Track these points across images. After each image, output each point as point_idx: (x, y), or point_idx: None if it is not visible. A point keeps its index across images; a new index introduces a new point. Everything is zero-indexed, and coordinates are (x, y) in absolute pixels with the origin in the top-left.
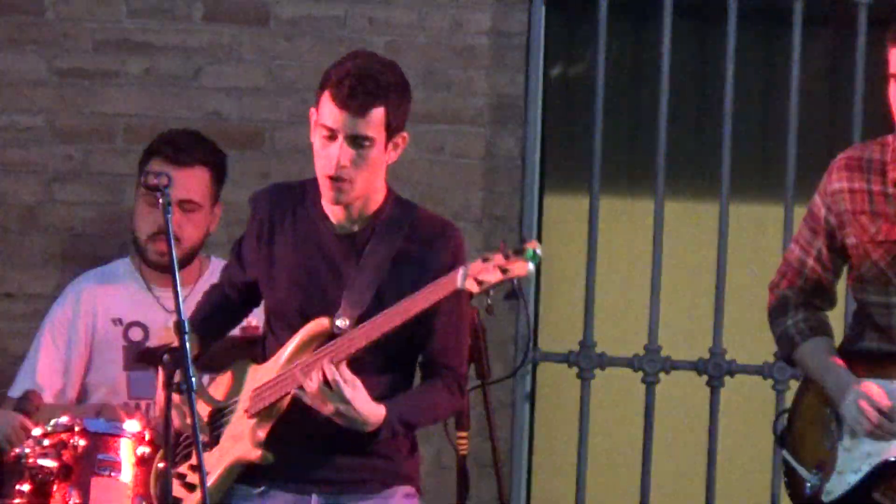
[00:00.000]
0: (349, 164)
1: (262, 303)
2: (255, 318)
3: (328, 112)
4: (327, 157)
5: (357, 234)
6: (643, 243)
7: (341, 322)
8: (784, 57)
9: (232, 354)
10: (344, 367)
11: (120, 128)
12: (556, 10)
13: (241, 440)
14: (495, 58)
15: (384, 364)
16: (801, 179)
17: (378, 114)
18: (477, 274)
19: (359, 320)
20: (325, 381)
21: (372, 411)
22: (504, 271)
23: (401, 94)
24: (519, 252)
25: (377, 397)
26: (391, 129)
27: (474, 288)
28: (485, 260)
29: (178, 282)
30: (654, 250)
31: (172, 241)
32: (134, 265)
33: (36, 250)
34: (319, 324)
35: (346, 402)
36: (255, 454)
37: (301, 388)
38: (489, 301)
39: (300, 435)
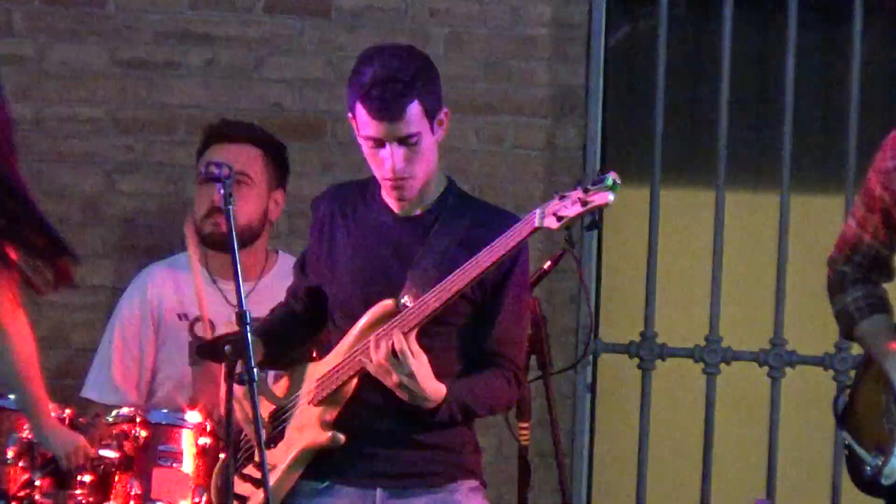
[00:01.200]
0: (404, 164)
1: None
2: None
3: (367, 123)
4: (381, 162)
5: (421, 218)
6: (704, 234)
7: (405, 300)
8: (844, 47)
9: None
10: (413, 339)
11: (181, 119)
12: (616, 1)
13: (309, 427)
14: (556, 49)
15: (447, 351)
16: (862, 170)
17: (414, 109)
18: (556, 210)
19: (419, 298)
20: (393, 353)
21: (434, 388)
22: (584, 203)
23: (428, 79)
24: (598, 182)
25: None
26: (431, 114)
27: (553, 224)
28: (562, 197)
29: (239, 273)
30: (715, 241)
31: (234, 231)
32: (198, 258)
33: (97, 241)
34: (384, 305)
35: (411, 373)
36: (324, 437)
37: (369, 361)
38: (569, 234)
39: (365, 429)
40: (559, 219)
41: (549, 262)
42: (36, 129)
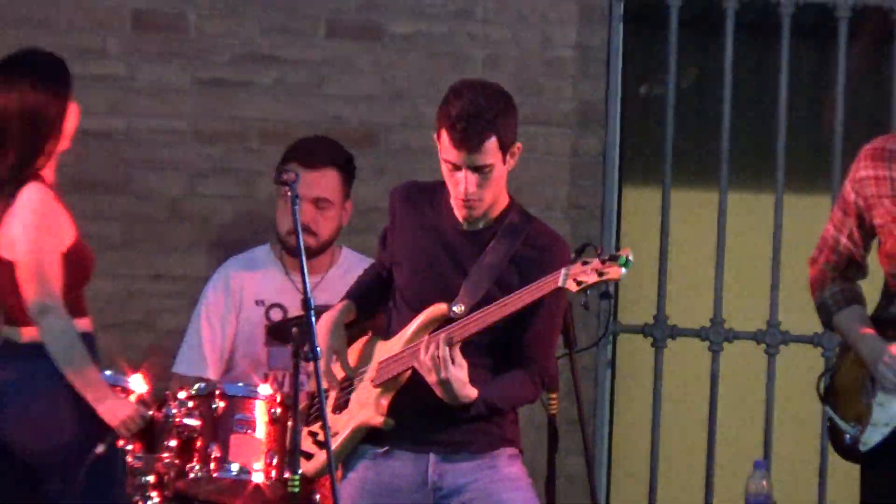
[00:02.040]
0: (476, 189)
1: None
2: None
3: (448, 149)
4: (456, 183)
5: (481, 233)
6: (709, 230)
7: (458, 308)
8: (832, 68)
9: None
10: (457, 350)
11: (253, 130)
12: (633, 26)
13: (367, 407)
14: (580, 68)
15: (489, 347)
16: (847, 174)
17: (491, 143)
18: (577, 275)
19: (473, 308)
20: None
21: (465, 393)
22: (601, 274)
23: (508, 117)
24: (614, 259)
25: (477, 378)
26: (505, 148)
27: (573, 287)
28: (584, 263)
29: (305, 264)
30: (719, 236)
31: (300, 228)
32: (274, 253)
33: (180, 237)
34: (438, 308)
35: (447, 379)
36: (377, 420)
37: (416, 360)
38: (586, 299)
39: (421, 403)
40: (578, 283)
41: (573, 255)
42: (126, 140)
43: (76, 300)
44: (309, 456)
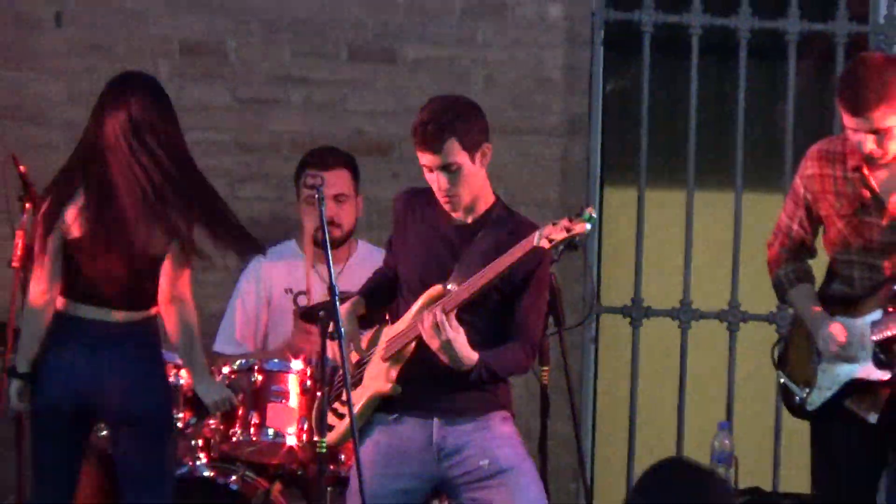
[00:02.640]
0: (448, 186)
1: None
2: None
3: (419, 154)
4: (433, 182)
5: (471, 226)
6: (678, 224)
7: (451, 286)
8: (782, 81)
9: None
10: (452, 317)
11: (285, 142)
12: (612, 50)
13: (378, 378)
14: (567, 86)
15: (484, 326)
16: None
17: (451, 145)
18: (549, 234)
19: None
20: (436, 325)
21: (467, 354)
22: (568, 230)
23: (467, 121)
24: (579, 216)
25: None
26: (469, 149)
27: (546, 244)
28: (554, 224)
29: (330, 256)
30: (686, 229)
31: (326, 224)
32: (299, 247)
33: None
34: (435, 289)
35: (448, 341)
36: (387, 388)
37: (420, 329)
38: (558, 255)
39: (425, 377)
40: (550, 240)
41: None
42: None
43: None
44: (331, 428)
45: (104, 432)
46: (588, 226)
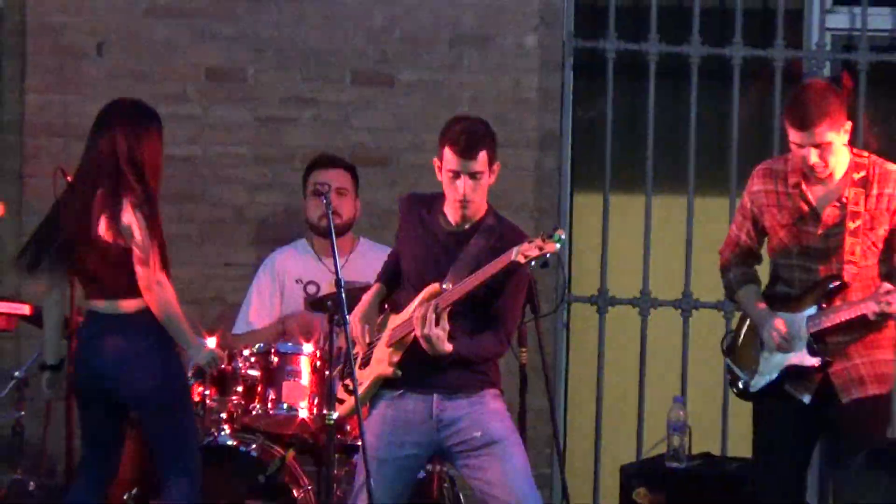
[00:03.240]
0: (471, 192)
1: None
2: None
3: (451, 160)
4: (455, 189)
5: (465, 232)
6: (638, 225)
7: (446, 286)
8: (728, 100)
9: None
10: (444, 316)
11: (297, 155)
12: (580, 73)
13: (382, 362)
14: (541, 105)
15: (471, 316)
16: (741, 182)
17: (483, 155)
18: (524, 251)
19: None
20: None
21: (442, 347)
22: (541, 249)
23: (493, 139)
24: (550, 236)
25: (459, 337)
26: (491, 163)
27: (521, 259)
28: (529, 242)
29: (336, 252)
30: (645, 229)
31: (332, 222)
32: (308, 243)
33: (243, 235)
34: (433, 286)
35: (427, 334)
36: (388, 371)
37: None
38: (532, 267)
39: (427, 357)
40: (525, 257)
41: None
42: (203, 162)
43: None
44: (341, 401)
45: None
46: (557, 246)
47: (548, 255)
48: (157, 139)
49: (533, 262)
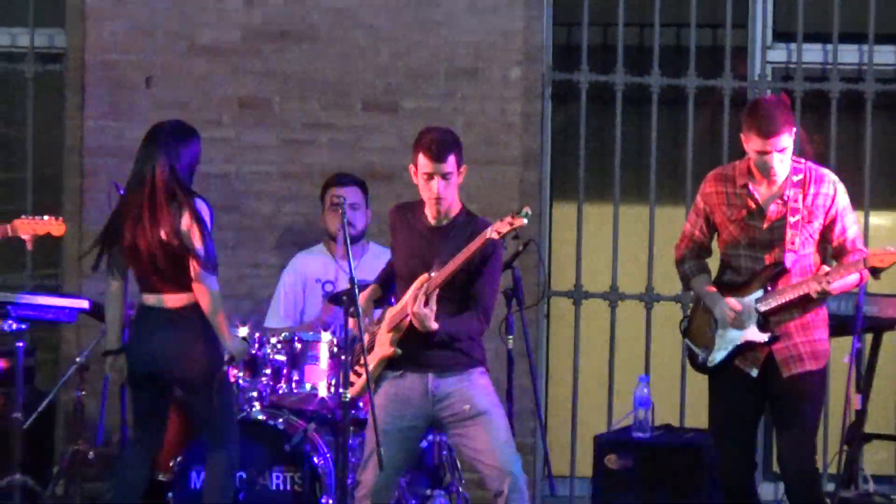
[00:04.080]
0: (443, 190)
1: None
2: None
3: (425, 164)
4: (430, 189)
5: (444, 227)
6: (608, 229)
7: (433, 274)
8: (684, 123)
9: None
10: (433, 297)
11: (316, 172)
12: (557, 101)
13: (383, 345)
14: (524, 128)
15: (453, 300)
16: (695, 192)
17: (451, 158)
18: (497, 228)
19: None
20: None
21: (429, 325)
22: (511, 224)
23: (459, 145)
24: (518, 213)
25: (444, 317)
26: (458, 165)
27: (495, 235)
28: (501, 220)
29: (350, 256)
30: (614, 233)
31: (346, 231)
32: (326, 248)
33: (270, 241)
34: (423, 277)
35: (416, 312)
36: (390, 351)
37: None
38: (505, 243)
39: (422, 342)
40: (498, 233)
41: (521, 247)
42: (236, 179)
43: None
44: (352, 384)
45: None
46: (525, 220)
47: (517, 228)
48: (197, 152)
49: (506, 237)
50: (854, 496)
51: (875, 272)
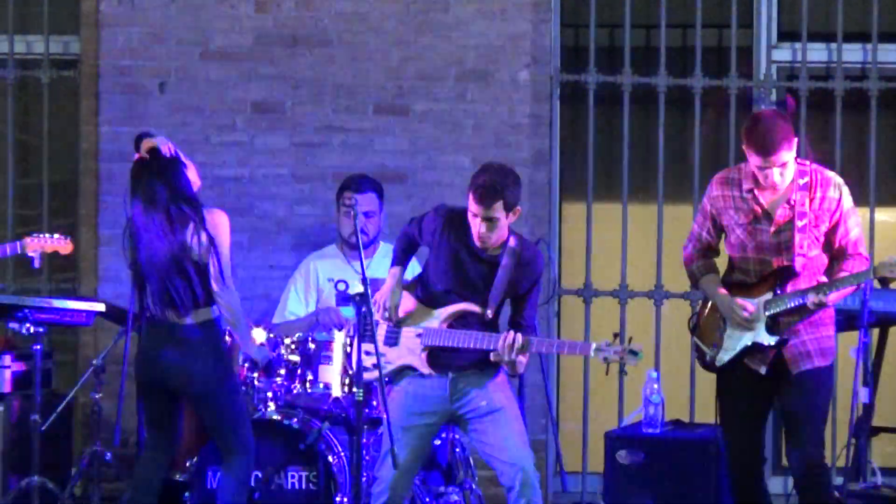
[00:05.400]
0: (486, 232)
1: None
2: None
3: (472, 205)
4: (475, 227)
5: (494, 256)
6: (616, 228)
7: (489, 312)
8: (690, 122)
9: None
10: (526, 353)
11: (329, 174)
12: (566, 102)
13: (414, 357)
14: (533, 129)
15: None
16: (702, 190)
17: (498, 205)
18: (604, 353)
19: (496, 313)
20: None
21: (519, 371)
22: (620, 357)
23: (512, 189)
24: (633, 353)
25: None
26: (508, 208)
27: (600, 358)
28: (608, 345)
29: (362, 257)
30: (623, 231)
31: (359, 235)
32: (338, 248)
33: (285, 242)
34: (472, 306)
35: (521, 360)
36: (425, 369)
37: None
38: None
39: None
40: (605, 359)
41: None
42: (250, 182)
43: None
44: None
45: None
46: (634, 363)
47: (625, 364)
48: (185, 173)
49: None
50: (862, 489)
51: (884, 281)
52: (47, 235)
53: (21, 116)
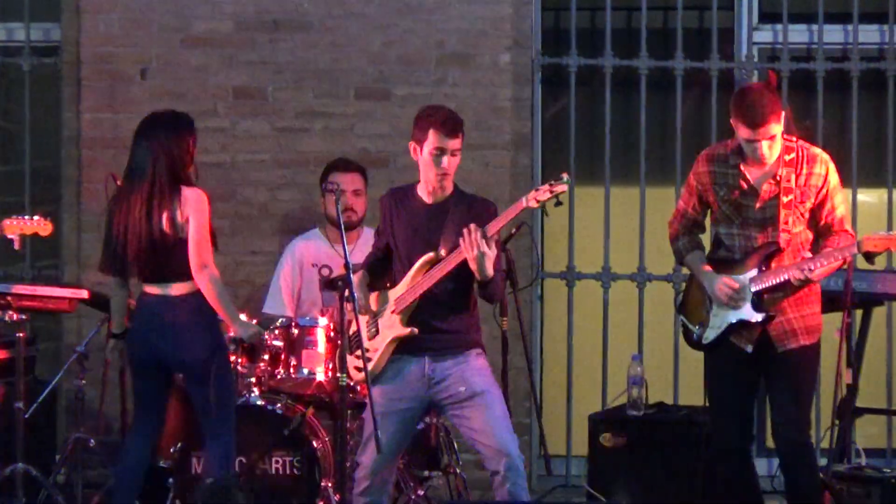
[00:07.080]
0: (451, 166)
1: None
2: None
3: (437, 139)
4: (439, 164)
5: (441, 204)
6: (599, 211)
7: (442, 252)
8: (672, 104)
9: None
10: (492, 242)
11: (310, 159)
12: (548, 84)
13: (394, 327)
14: (515, 113)
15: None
16: (685, 173)
17: (461, 136)
18: (536, 197)
19: (450, 251)
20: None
21: (489, 268)
22: (551, 191)
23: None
24: (559, 179)
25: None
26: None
27: (534, 203)
28: (537, 190)
29: (345, 240)
30: (605, 215)
31: (341, 219)
32: (322, 232)
33: (266, 227)
34: (427, 256)
35: (483, 252)
36: (405, 331)
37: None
38: (544, 208)
39: (421, 325)
40: (537, 201)
41: (514, 229)
42: (232, 167)
43: None
44: (357, 370)
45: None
46: (566, 186)
47: (559, 194)
48: (192, 140)
49: (545, 204)
50: (846, 470)
51: (869, 256)
52: (26, 217)
53: (2, 104)
